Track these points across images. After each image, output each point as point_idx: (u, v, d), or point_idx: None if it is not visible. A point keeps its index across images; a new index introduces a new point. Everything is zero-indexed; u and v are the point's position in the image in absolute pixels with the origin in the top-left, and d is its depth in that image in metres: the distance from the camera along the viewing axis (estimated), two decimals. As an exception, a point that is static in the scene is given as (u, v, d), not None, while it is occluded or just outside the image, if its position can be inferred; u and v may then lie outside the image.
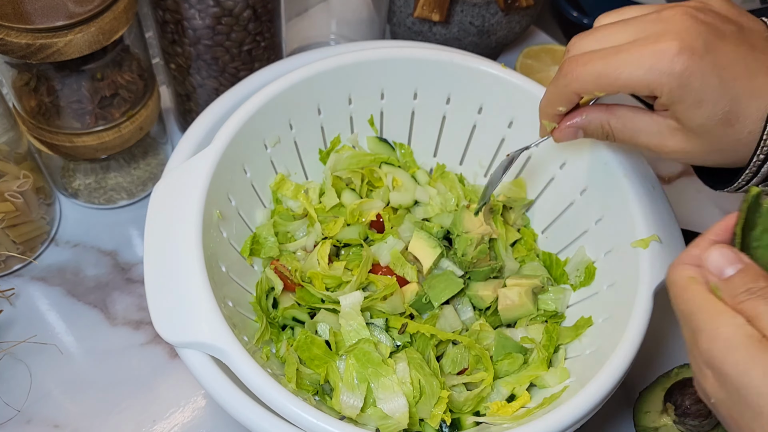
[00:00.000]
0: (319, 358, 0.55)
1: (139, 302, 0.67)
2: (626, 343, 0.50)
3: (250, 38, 0.66)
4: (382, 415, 0.51)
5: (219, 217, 0.56)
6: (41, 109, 0.62)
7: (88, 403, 0.61)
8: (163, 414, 0.61)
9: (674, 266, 0.40)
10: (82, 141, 0.63)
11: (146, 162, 0.73)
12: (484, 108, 0.66)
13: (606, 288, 0.58)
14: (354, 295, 0.56)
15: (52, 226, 0.71)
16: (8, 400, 0.60)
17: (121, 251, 0.70)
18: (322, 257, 0.60)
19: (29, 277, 0.68)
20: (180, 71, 0.69)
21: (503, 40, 0.83)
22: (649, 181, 0.58)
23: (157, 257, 0.51)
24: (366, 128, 0.68)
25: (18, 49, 0.54)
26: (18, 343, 0.62)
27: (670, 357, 0.68)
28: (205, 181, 0.54)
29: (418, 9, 0.76)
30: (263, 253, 0.61)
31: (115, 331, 0.65)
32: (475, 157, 0.69)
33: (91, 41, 0.56)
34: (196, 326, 0.48)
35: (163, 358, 0.64)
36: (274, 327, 0.59)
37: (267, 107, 0.60)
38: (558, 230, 0.65)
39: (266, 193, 0.64)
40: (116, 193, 0.72)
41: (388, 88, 0.66)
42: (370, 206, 0.64)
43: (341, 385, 0.53)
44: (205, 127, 0.60)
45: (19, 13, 0.54)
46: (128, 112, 0.64)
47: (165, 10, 0.63)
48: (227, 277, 0.56)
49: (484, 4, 0.77)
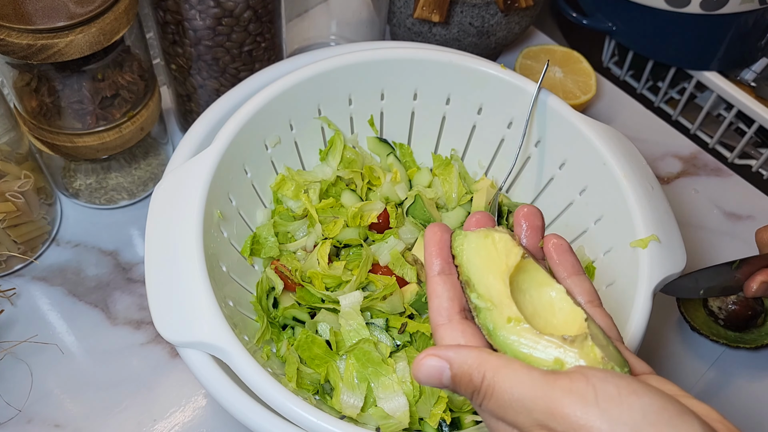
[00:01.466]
0: (319, 357, 0.55)
1: (140, 302, 0.67)
2: (626, 342, 0.50)
3: (251, 39, 0.66)
4: (384, 415, 0.51)
5: (220, 217, 0.56)
6: (42, 109, 0.62)
7: (88, 403, 0.61)
8: (164, 413, 0.61)
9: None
10: (83, 141, 0.64)
11: (147, 162, 0.73)
12: (484, 108, 0.66)
13: (605, 288, 0.58)
14: (353, 294, 0.56)
15: (53, 226, 0.71)
16: (9, 399, 0.60)
17: (122, 251, 0.70)
18: (322, 257, 0.60)
19: (30, 277, 0.68)
20: (181, 72, 0.69)
21: (503, 41, 0.83)
22: (648, 181, 0.58)
23: (158, 257, 0.51)
24: (366, 128, 0.68)
25: (19, 49, 0.54)
26: (19, 342, 0.62)
27: (671, 357, 0.68)
28: (205, 181, 0.54)
29: (418, 10, 0.76)
30: (263, 253, 0.62)
31: (115, 331, 0.65)
32: (474, 157, 0.69)
33: (92, 42, 0.56)
34: (197, 326, 0.48)
35: (164, 358, 0.64)
36: (274, 327, 0.59)
37: (267, 108, 0.60)
38: (557, 230, 0.65)
39: (267, 193, 0.65)
40: (117, 194, 0.72)
41: (388, 89, 0.66)
42: (371, 208, 0.64)
43: (341, 385, 0.53)
44: (205, 127, 0.60)
45: (20, 13, 0.54)
46: (129, 113, 0.65)
47: (166, 11, 0.64)
48: (228, 276, 0.56)
49: (484, 5, 0.77)
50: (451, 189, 0.67)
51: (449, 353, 0.34)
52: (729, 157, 0.87)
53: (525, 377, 0.32)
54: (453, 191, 0.67)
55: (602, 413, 0.29)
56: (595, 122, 0.61)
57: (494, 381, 0.33)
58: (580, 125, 0.61)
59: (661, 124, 0.87)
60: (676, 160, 0.84)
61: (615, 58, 0.95)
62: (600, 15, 0.86)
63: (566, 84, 0.84)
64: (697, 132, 0.89)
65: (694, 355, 0.69)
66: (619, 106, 0.88)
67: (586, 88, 0.84)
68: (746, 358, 0.69)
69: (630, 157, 0.59)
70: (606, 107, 0.88)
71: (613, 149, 0.59)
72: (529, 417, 0.32)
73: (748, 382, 0.67)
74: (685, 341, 0.69)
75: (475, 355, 0.34)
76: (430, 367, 0.34)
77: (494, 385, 0.33)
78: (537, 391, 0.31)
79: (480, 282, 0.37)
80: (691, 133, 0.89)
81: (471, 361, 0.33)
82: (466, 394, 0.34)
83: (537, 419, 0.31)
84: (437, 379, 0.34)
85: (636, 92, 0.93)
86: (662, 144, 0.85)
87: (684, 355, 0.69)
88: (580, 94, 0.83)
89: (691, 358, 0.68)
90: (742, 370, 0.68)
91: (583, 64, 0.86)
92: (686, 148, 0.85)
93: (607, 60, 0.95)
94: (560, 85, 0.84)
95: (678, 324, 0.70)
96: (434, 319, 0.37)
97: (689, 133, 0.89)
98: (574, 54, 0.87)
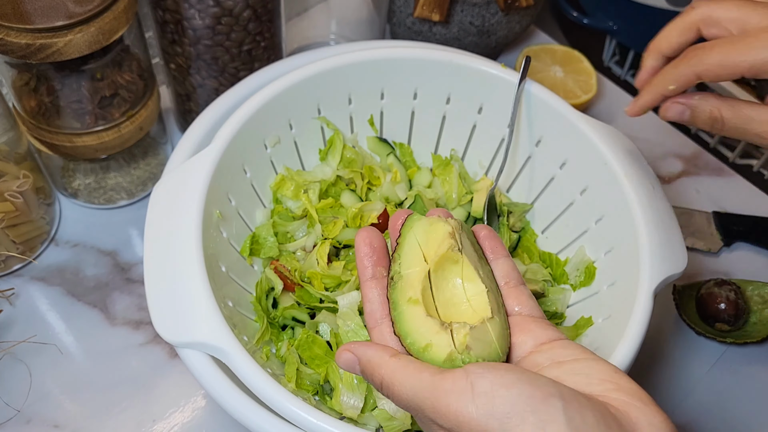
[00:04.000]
0: (320, 357, 0.55)
1: (139, 302, 0.67)
2: (626, 342, 0.50)
3: (250, 38, 0.66)
4: (387, 416, 0.51)
5: (219, 217, 0.56)
6: (41, 109, 0.62)
7: (87, 403, 0.61)
8: (163, 414, 0.61)
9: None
10: (82, 141, 0.63)
11: (146, 162, 0.73)
12: (484, 108, 0.66)
13: (606, 288, 0.58)
14: (351, 295, 0.56)
15: (52, 226, 0.71)
16: (8, 400, 0.60)
17: (121, 251, 0.70)
18: (321, 257, 0.60)
19: (29, 277, 0.68)
20: (180, 71, 0.69)
21: (503, 40, 0.83)
22: (649, 181, 0.58)
23: (157, 257, 0.51)
24: (366, 128, 0.68)
25: (18, 49, 0.54)
26: (18, 343, 0.62)
27: (671, 356, 0.68)
28: (205, 181, 0.54)
29: (418, 9, 0.76)
30: (263, 253, 0.61)
31: (114, 331, 0.65)
32: (475, 157, 0.69)
33: (91, 41, 0.55)
34: (196, 326, 0.48)
35: (163, 358, 0.64)
36: (274, 327, 0.59)
37: (267, 107, 0.60)
38: (558, 230, 0.65)
39: (266, 193, 0.64)
40: (116, 193, 0.72)
41: (388, 88, 0.66)
42: (371, 208, 0.64)
43: (341, 386, 0.53)
44: (205, 127, 0.60)
45: (19, 13, 0.54)
46: (128, 112, 0.64)
47: (165, 10, 0.63)
48: (227, 277, 0.56)
49: (484, 4, 0.77)
50: (451, 189, 0.67)
51: (359, 350, 0.39)
52: (730, 157, 0.86)
53: (415, 380, 0.36)
54: (453, 191, 0.67)
55: (477, 408, 0.33)
56: (596, 122, 0.61)
57: (391, 382, 0.37)
58: (580, 125, 0.60)
59: (662, 123, 0.86)
60: (677, 160, 0.84)
61: (616, 57, 0.95)
62: (601, 14, 0.86)
63: (567, 83, 0.84)
64: (698, 132, 0.89)
65: (695, 354, 0.68)
66: (620, 106, 0.88)
67: (587, 87, 0.84)
68: (749, 354, 0.69)
69: (631, 157, 0.59)
70: (607, 107, 0.88)
71: (613, 149, 0.59)
72: (423, 415, 0.35)
73: (752, 379, 0.67)
74: (685, 341, 0.69)
75: (378, 356, 0.38)
76: (346, 359, 0.39)
77: (391, 385, 0.37)
78: (425, 392, 0.35)
79: (405, 260, 0.41)
80: (693, 133, 0.89)
81: (374, 361, 0.38)
82: (376, 388, 0.38)
83: (429, 417, 0.35)
84: (354, 371, 0.39)
85: (637, 92, 0.92)
86: (663, 144, 0.85)
87: (685, 355, 0.68)
88: (580, 93, 0.83)
89: (692, 357, 0.68)
90: (744, 368, 0.68)
91: (583, 64, 0.85)
92: (687, 147, 0.85)
93: (607, 59, 0.95)
94: (561, 85, 0.84)
95: (678, 324, 0.70)
96: (367, 322, 0.42)
97: (690, 132, 0.88)
98: (574, 53, 0.86)
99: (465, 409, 0.33)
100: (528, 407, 0.32)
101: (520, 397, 0.32)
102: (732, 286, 0.68)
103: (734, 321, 0.67)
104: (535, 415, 0.32)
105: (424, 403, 0.35)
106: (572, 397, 0.33)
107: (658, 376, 0.67)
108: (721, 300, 0.67)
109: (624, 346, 0.50)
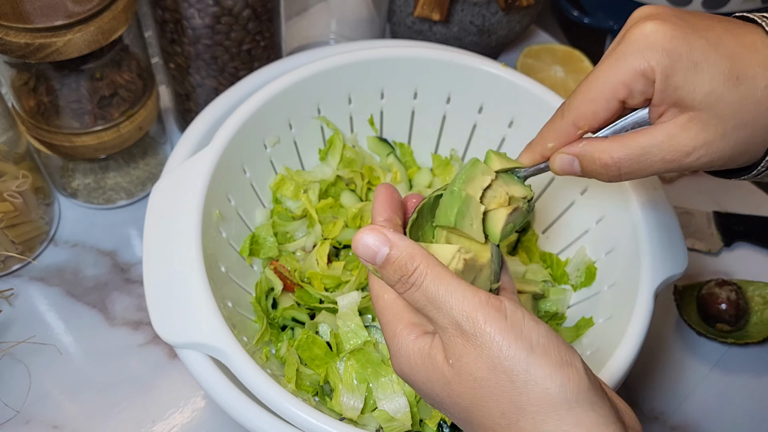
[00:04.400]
0: (319, 358, 0.55)
1: (138, 302, 0.67)
2: (627, 343, 0.50)
3: (250, 38, 0.66)
4: (387, 417, 0.51)
5: (218, 217, 0.56)
6: (40, 108, 0.62)
7: (87, 404, 0.61)
8: (163, 414, 0.61)
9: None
10: (81, 141, 0.63)
11: (145, 162, 0.73)
12: (485, 108, 0.66)
13: (607, 288, 0.58)
14: (351, 295, 0.56)
15: (51, 226, 0.70)
16: (7, 400, 0.60)
17: (120, 251, 0.70)
18: (321, 257, 0.60)
19: (28, 278, 0.68)
20: (179, 71, 0.69)
21: (503, 40, 0.83)
22: (649, 181, 0.58)
23: (156, 257, 0.51)
24: (366, 128, 0.68)
25: (17, 48, 0.54)
26: (17, 343, 0.62)
27: (672, 357, 0.68)
28: (204, 181, 0.54)
29: (418, 8, 0.76)
30: (263, 253, 0.61)
31: (114, 332, 0.65)
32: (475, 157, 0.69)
33: (90, 41, 0.55)
34: (196, 327, 0.48)
35: (163, 359, 0.64)
36: (273, 327, 0.59)
37: (266, 107, 0.60)
38: (558, 230, 0.65)
39: (266, 193, 0.64)
40: (115, 193, 0.72)
41: (388, 88, 0.66)
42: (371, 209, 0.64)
43: (341, 386, 0.52)
44: (204, 126, 0.60)
45: (18, 12, 0.53)
46: (127, 112, 0.64)
47: (164, 10, 0.63)
48: (227, 277, 0.56)
49: (485, 4, 0.76)
50: (451, 189, 0.67)
51: (394, 237, 0.37)
52: (731, 157, 0.86)
53: (452, 279, 0.36)
54: (453, 191, 0.67)
55: (509, 328, 0.34)
56: (597, 121, 0.61)
57: (426, 273, 0.36)
58: (581, 125, 0.60)
59: (662, 123, 0.86)
60: (677, 160, 0.83)
61: (616, 57, 0.95)
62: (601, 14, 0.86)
63: (567, 83, 0.84)
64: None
65: (696, 355, 0.68)
66: (621, 106, 0.87)
67: (587, 87, 0.83)
68: (750, 355, 0.68)
69: (631, 157, 0.59)
70: (607, 106, 0.87)
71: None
72: (448, 315, 0.35)
73: (753, 380, 0.67)
74: (686, 341, 0.69)
75: (415, 245, 0.37)
76: (374, 240, 0.37)
77: (425, 276, 0.36)
78: (462, 295, 0.35)
79: (456, 183, 0.42)
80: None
81: (411, 250, 0.37)
82: (390, 278, 0.37)
83: (454, 318, 0.35)
84: (372, 256, 0.37)
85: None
86: (664, 143, 0.85)
87: (686, 355, 0.68)
88: (581, 93, 0.82)
89: (692, 357, 0.68)
90: (745, 368, 0.68)
91: (584, 63, 0.85)
92: (688, 147, 0.85)
93: (608, 59, 0.95)
94: (561, 85, 0.84)
95: (679, 324, 0.70)
96: (374, 219, 0.42)
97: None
98: (575, 53, 0.86)
99: (496, 323, 0.34)
100: (551, 342, 0.34)
101: (546, 333, 0.35)
102: (733, 287, 0.68)
103: (735, 321, 0.67)
104: (558, 348, 0.34)
105: (458, 304, 0.35)
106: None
107: (659, 376, 0.67)
108: (722, 300, 0.67)
109: (625, 347, 0.49)
